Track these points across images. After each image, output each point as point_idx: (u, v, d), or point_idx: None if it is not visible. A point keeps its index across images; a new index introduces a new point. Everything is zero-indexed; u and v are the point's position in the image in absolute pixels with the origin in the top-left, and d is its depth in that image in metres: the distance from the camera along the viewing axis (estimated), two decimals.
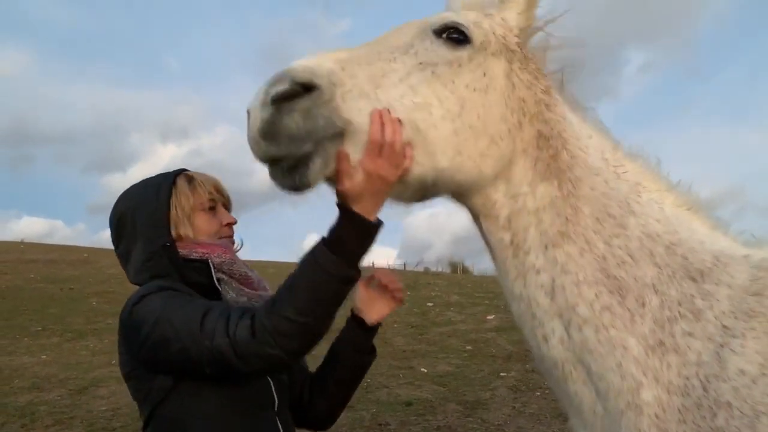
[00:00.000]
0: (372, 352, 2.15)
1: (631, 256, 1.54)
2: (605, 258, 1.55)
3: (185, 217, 2.01)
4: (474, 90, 1.54)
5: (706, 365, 1.42)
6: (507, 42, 1.63)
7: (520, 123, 1.59)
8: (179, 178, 2.07)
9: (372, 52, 1.53)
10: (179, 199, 2.02)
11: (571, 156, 1.62)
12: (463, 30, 1.57)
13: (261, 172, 1.54)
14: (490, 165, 1.56)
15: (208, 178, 2.13)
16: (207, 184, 2.09)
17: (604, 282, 1.53)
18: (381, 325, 2.13)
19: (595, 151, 1.66)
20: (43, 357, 9.94)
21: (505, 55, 1.62)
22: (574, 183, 1.60)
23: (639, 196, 1.63)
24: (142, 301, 1.84)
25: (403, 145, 1.46)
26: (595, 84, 1.81)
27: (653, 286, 1.52)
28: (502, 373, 8.52)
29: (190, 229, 2.02)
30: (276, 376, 2.02)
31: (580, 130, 1.68)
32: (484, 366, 8.98)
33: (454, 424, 6.66)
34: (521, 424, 6.62)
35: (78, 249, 25.20)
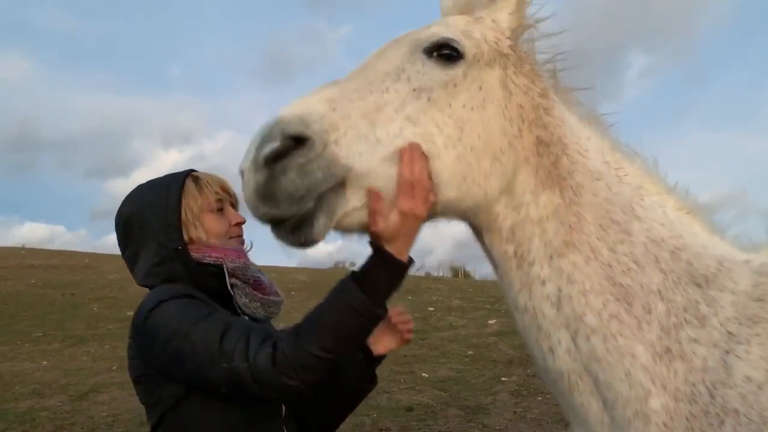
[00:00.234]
0: (372, 380, 2.12)
1: (636, 263, 1.53)
2: (611, 265, 1.53)
3: (195, 219, 1.98)
4: (471, 109, 1.50)
5: (712, 371, 1.41)
6: (500, 47, 1.58)
7: (519, 131, 1.56)
8: (188, 179, 2.03)
9: (363, 84, 1.46)
10: (188, 201, 1.98)
11: (571, 161, 1.59)
12: (455, 46, 1.51)
13: None
14: (494, 185, 1.53)
15: (214, 178, 2.09)
16: (213, 183, 2.06)
17: (610, 290, 1.51)
18: (386, 356, 2.11)
19: (595, 154, 1.64)
20: (44, 363, 9.94)
21: (498, 62, 1.57)
22: (576, 190, 1.57)
23: (642, 199, 1.61)
24: (159, 306, 1.80)
25: (429, 180, 1.42)
26: (597, 88, 1.79)
27: (659, 292, 1.51)
28: (504, 378, 8.51)
29: (203, 232, 1.98)
30: None
31: (579, 131, 1.65)
32: (486, 371, 8.97)
33: (455, 429, 6.65)
34: (522, 429, 6.61)
35: (79, 254, 25.17)
